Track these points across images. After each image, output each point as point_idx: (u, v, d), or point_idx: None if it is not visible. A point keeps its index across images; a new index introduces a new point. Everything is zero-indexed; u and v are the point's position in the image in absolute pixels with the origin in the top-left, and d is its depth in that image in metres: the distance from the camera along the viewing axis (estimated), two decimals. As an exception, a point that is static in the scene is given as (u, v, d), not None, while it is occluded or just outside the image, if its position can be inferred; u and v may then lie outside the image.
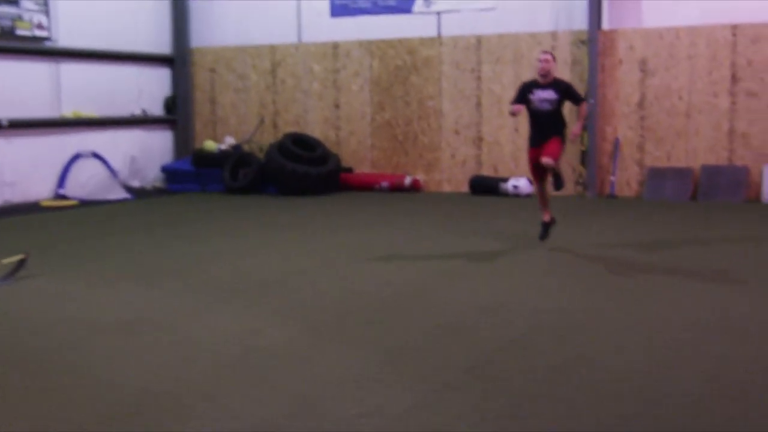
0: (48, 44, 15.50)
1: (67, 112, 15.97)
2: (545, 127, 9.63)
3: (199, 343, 6.16)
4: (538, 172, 9.79)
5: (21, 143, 15.04)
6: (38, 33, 15.21)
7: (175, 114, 18.31)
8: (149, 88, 17.94)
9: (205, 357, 5.85)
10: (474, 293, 7.74)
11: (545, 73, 9.59)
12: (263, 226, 12.43)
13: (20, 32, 14.87)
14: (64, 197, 15.48)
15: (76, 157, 15.97)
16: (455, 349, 5.96)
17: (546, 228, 9.98)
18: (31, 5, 15.02)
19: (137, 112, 17.59)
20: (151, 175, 17.79)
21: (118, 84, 17.12)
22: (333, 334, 6.41)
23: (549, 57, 9.67)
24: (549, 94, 9.57)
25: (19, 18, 14.82)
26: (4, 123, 14.57)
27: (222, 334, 6.39)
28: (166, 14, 18.11)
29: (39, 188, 15.37)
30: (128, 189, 16.55)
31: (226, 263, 9.37)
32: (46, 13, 15.32)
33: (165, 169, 17.59)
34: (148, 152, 17.74)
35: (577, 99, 9.81)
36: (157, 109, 18.17)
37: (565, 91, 9.69)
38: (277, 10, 17.50)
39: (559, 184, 9.67)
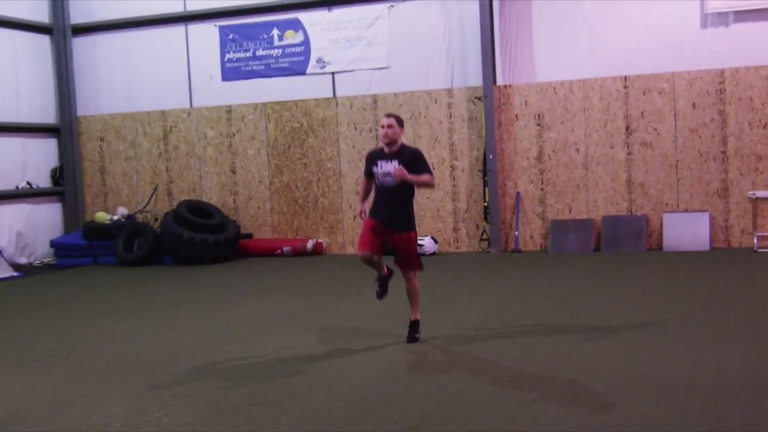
0: None
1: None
2: (391, 205, 8.12)
3: (85, 439, 5.61)
4: (371, 247, 8.05)
5: None
6: None
7: (63, 185, 17.57)
8: (35, 159, 17.21)
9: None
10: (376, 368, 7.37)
11: (389, 141, 8.10)
12: (157, 301, 11.83)
13: None
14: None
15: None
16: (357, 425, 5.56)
17: (383, 283, 8.46)
18: None
19: (22, 184, 16.79)
20: (40, 251, 16.97)
21: (1, 156, 16.36)
22: (229, 415, 5.93)
23: (392, 121, 8.11)
24: (391, 167, 8.04)
25: None
26: None
27: (101, 427, 5.84)
28: (50, 82, 17.47)
29: None
30: (15, 266, 15.69)
31: (116, 344, 8.78)
32: None
33: (54, 244, 16.77)
34: (35, 226, 16.94)
35: (422, 170, 8.10)
36: (43, 181, 17.40)
37: (411, 162, 8.04)
38: (168, 74, 17.08)
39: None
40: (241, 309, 10.65)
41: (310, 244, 15.79)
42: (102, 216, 16.69)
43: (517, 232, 14.96)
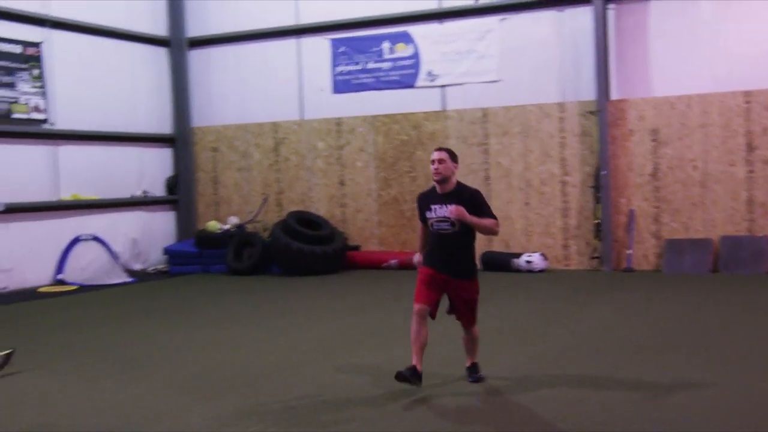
0: (45, 127, 15.23)
1: (66, 195, 15.62)
2: (447, 254, 7.02)
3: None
4: (428, 299, 6.98)
5: (18, 228, 14.66)
6: (35, 116, 14.95)
7: (177, 194, 17.97)
8: (151, 168, 17.65)
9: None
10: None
11: (440, 178, 7.01)
12: (264, 310, 11.92)
13: (17, 115, 14.61)
14: (62, 282, 15.04)
15: (75, 241, 15.59)
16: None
17: (416, 376, 6.86)
18: (27, 88, 14.80)
19: (138, 193, 17.24)
20: (153, 258, 17.37)
21: (119, 165, 16.83)
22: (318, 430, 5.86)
23: (444, 155, 7.02)
24: (448, 211, 6.95)
25: (16, 101, 14.57)
26: (1, 208, 14.21)
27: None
28: (167, 94, 17.91)
29: (37, 274, 14.94)
30: (130, 272, 16.13)
31: (219, 354, 8.84)
32: (44, 95, 15.09)
33: (167, 251, 17.16)
34: (149, 234, 17.36)
35: (483, 214, 6.99)
36: (158, 190, 17.83)
37: (469, 204, 6.95)
38: (279, 87, 17.28)
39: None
40: (346, 321, 10.61)
41: (416, 258, 15.64)
42: (213, 225, 16.99)
43: (630, 251, 14.50)
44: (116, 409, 6.76)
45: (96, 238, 15.91)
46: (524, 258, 14.73)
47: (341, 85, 16.70)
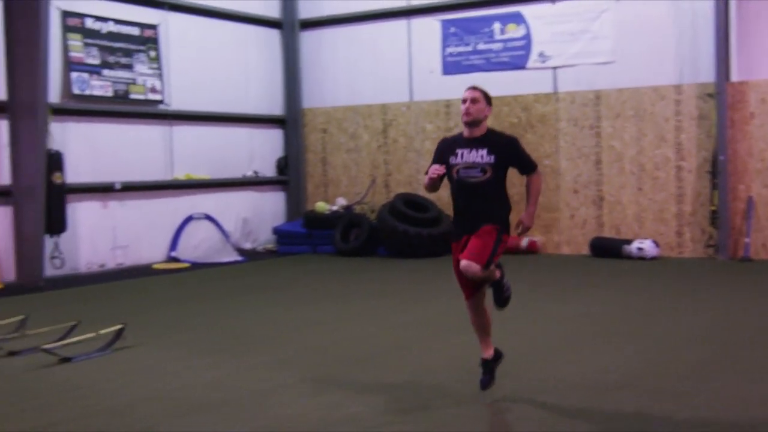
0: (161, 107, 15.61)
1: (180, 174, 16.00)
2: (473, 210, 6.12)
3: (278, 428, 5.66)
4: (467, 283, 6.22)
5: (134, 206, 15.09)
6: (152, 96, 15.34)
7: (287, 175, 18.19)
8: (261, 149, 17.90)
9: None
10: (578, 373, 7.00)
11: (471, 120, 6.13)
12: (370, 291, 11.96)
13: (134, 96, 15.02)
14: (176, 260, 15.43)
15: (188, 220, 15.96)
16: None
17: (488, 368, 6.33)
18: (144, 69, 15.19)
19: (249, 173, 17.52)
20: (263, 237, 17.65)
21: (231, 146, 17.13)
22: (421, 414, 5.80)
23: (478, 94, 6.18)
24: (479, 156, 6.10)
25: (133, 82, 14.97)
26: (118, 186, 14.66)
27: (301, 417, 5.87)
28: (278, 76, 18.11)
29: (151, 251, 15.37)
30: (240, 251, 16.44)
31: (324, 333, 8.91)
32: (160, 77, 15.46)
33: (277, 231, 17.41)
34: (260, 214, 17.64)
35: (526, 165, 6.29)
36: (269, 171, 18.08)
37: (507, 153, 6.16)
38: (389, 69, 17.23)
39: (500, 298, 6.27)
40: (450, 304, 10.53)
41: (524, 243, 15.47)
42: (322, 206, 17.13)
43: (748, 239, 13.93)
44: (222, 385, 6.87)
45: (208, 217, 16.26)
46: (636, 245, 14.35)
47: (451, 67, 16.56)
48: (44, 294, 12.19)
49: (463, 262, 5.93)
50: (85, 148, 14.26)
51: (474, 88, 6.22)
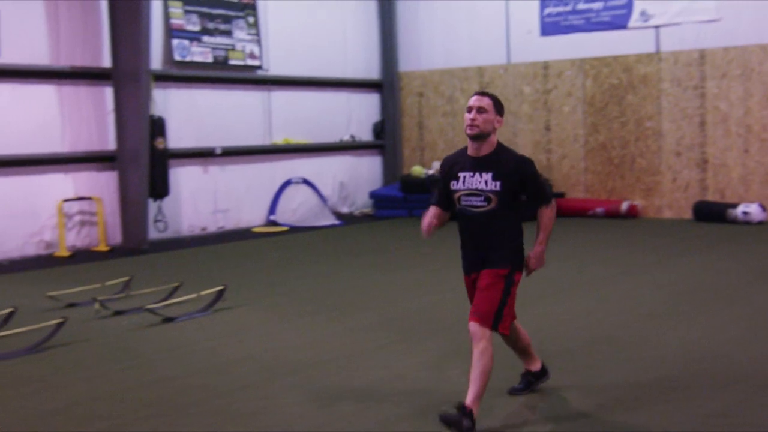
0: (260, 73, 15.79)
1: (278, 139, 16.19)
2: (478, 245, 5.28)
3: (373, 387, 5.71)
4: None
5: (234, 171, 15.36)
6: (250, 62, 15.52)
7: (384, 139, 18.21)
8: (358, 113, 17.95)
9: (377, 405, 5.39)
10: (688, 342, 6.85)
11: (477, 133, 5.14)
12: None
13: (233, 62, 15.22)
14: (274, 223, 15.67)
15: (286, 184, 16.17)
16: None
17: (527, 380, 5.69)
18: (243, 35, 15.36)
19: (346, 137, 17.61)
20: (360, 201, 17.75)
21: (328, 110, 17.22)
22: (511, 372, 5.77)
23: (487, 102, 5.16)
24: (483, 181, 5.17)
25: (233, 48, 15.17)
26: (218, 151, 14.93)
27: (396, 379, 5.91)
28: (375, 40, 18.08)
29: (251, 215, 15.64)
30: (337, 215, 16.57)
31: (420, 296, 8.93)
32: (258, 42, 15.62)
33: (373, 195, 17.49)
34: (357, 178, 17.74)
35: (536, 196, 5.26)
36: (366, 135, 18.13)
37: (515, 178, 5.15)
38: (486, 31, 17.00)
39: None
40: (548, 270, 10.41)
41: (624, 206, 15.15)
42: (418, 170, 17.12)
43: None
44: (318, 345, 6.98)
45: (306, 182, 16.43)
46: (741, 209, 13.90)
47: (549, 27, 16.24)
48: (148, 256, 12.55)
49: (471, 327, 5.07)
50: (186, 114, 14.55)
51: (482, 95, 5.21)
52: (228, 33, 15.11)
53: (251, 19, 15.51)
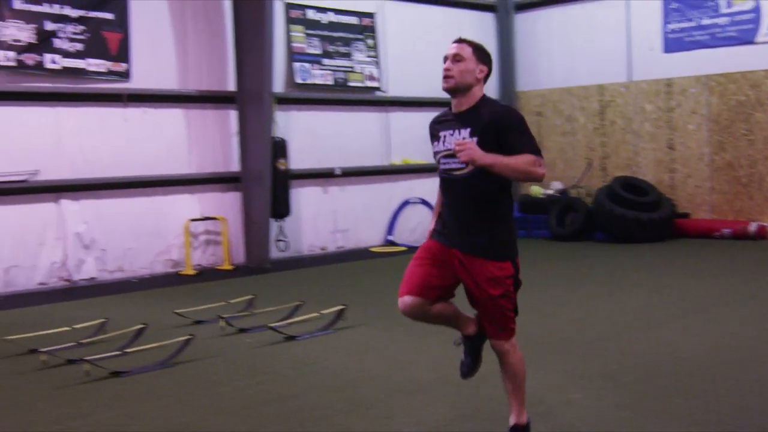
0: (378, 94, 15.98)
1: (396, 159, 16.32)
2: (460, 218, 4.54)
3: (496, 409, 5.67)
4: (417, 289, 4.60)
5: (353, 191, 15.56)
6: (369, 84, 15.73)
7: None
8: (475, 133, 17.91)
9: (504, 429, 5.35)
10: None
11: (452, 86, 4.52)
12: (585, 276, 11.74)
13: (353, 84, 15.45)
14: (392, 243, 15.78)
15: (404, 204, 16.26)
16: None
17: (469, 347, 5.04)
18: (362, 57, 15.59)
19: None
20: (477, 221, 17.67)
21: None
22: (648, 405, 5.63)
23: (464, 49, 4.57)
24: (461, 139, 4.44)
25: (352, 70, 15.41)
26: (338, 172, 15.15)
27: (535, 400, 5.85)
28: (493, 59, 18.00)
29: (369, 234, 15.80)
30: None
31: (539, 318, 8.82)
32: (377, 64, 15.82)
33: (491, 215, 17.40)
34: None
35: (519, 145, 4.35)
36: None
37: (492, 129, 4.38)
38: (606, 48, 16.76)
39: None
40: (670, 292, 10.17)
41: (752, 227, 14.64)
42: (536, 190, 16.96)
43: None
44: (439, 365, 6.97)
45: (423, 202, 16.49)
46: None
47: (672, 44, 15.87)
48: (270, 275, 12.82)
49: (497, 346, 4.71)
50: (307, 135, 14.84)
51: (460, 41, 4.58)
52: (348, 55, 15.35)
53: (370, 42, 15.73)
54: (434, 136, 4.62)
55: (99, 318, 8.85)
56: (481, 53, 4.55)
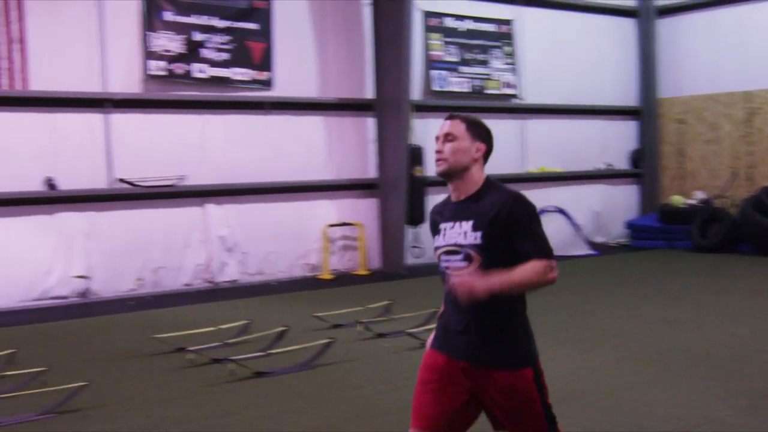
0: (515, 102, 15.87)
1: (533, 167, 16.17)
2: (465, 325, 3.68)
3: (636, 426, 5.54)
4: (429, 423, 3.71)
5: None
6: (506, 91, 15.65)
7: (641, 168, 17.70)
8: (614, 141, 17.59)
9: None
10: None
11: (445, 170, 3.83)
12: (728, 291, 11.27)
13: (489, 91, 15.40)
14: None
15: (540, 213, 16.02)
16: None
17: None
18: (500, 65, 15.53)
19: (601, 166, 17.28)
20: (615, 231, 17.33)
21: (582, 138, 17.00)
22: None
23: (457, 127, 3.79)
24: (461, 233, 3.74)
25: (489, 78, 15.37)
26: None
27: (663, 417, 5.69)
28: (633, 66, 17.66)
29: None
30: (591, 244, 16.27)
31: (682, 331, 8.58)
32: (514, 71, 15.72)
33: (629, 225, 17.03)
34: (612, 207, 17.34)
35: (528, 242, 3.63)
36: (621, 163, 17.71)
37: (499, 223, 3.66)
38: (755, 54, 16.10)
39: None
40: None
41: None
42: (678, 199, 16.49)
43: None
44: (579, 377, 6.87)
45: (559, 210, 16.27)
46: None
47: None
48: (405, 281, 12.90)
49: None
50: (443, 143, 14.85)
51: (452, 118, 3.85)
52: (485, 63, 15.32)
53: (508, 49, 15.65)
54: (435, 229, 3.92)
55: (241, 319, 9.11)
56: (476, 129, 3.81)
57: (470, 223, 3.70)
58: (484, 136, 3.81)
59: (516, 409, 3.62)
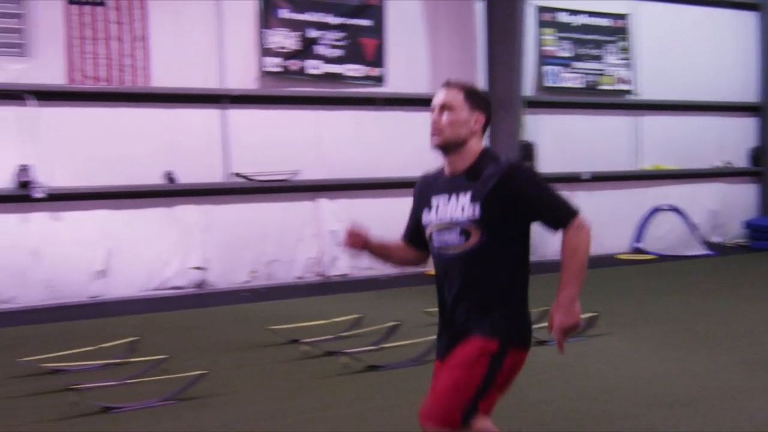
0: (630, 98, 15.56)
1: (647, 164, 15.83)
2: (457, 306, 3.54)
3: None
4: None
5: (601, 196, 15.24)
6: (620, 87, 15.36)
7: (762, 166, 17.11)
8: (732, 138, 17.07)
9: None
10: None
11: (441, 142, 3.55)
12: None
13: (603, 87, 15.15)
14: (640, 251, 15.32)
15: (654, 211, 15.75)
16: None
17: None
18: (614, 60, 15.26)
19: (719, 164, 16.79)
20: (733, 231, 16.82)
21: (699, 135, 16.56)
22: None
23: (453, 95, 3.53)
24: (459, 208, 3.50)
25: (603, 73, 15.11)
26: (587, 176, 14.90)
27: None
28: (753, 62, 17.08)
29: (614, 241, 15.41)
30: (707, 244, 15.84)
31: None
32: (629, 67, 15.42)
33: (748, 225, 16.51)
34: (730, 206, 16.85)
35: (549, 212, 3.56)
36: (740, 161, 17.17)
37: (502, 194, 3.44)
38: None
39: None
40: None
41: None
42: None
43: None
44: (693, 380, 6.71)
45: (674, 209, 15.90)
46: None
47: None
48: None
49: (422, 412, 3.56)
50: (555, 139, 14.71)
51: (449, 85, 3.57)
52: (599, 58, 15.08)
53: (623, 44, 15.36)
54: (423, 203, 3.64)
55: (352, 313, 9.19)
56: (475, 98, 3.54)
57: (468, 194, 3.46)
58: (483, 105, 3.56)
59: (456, 363, 3.39)
